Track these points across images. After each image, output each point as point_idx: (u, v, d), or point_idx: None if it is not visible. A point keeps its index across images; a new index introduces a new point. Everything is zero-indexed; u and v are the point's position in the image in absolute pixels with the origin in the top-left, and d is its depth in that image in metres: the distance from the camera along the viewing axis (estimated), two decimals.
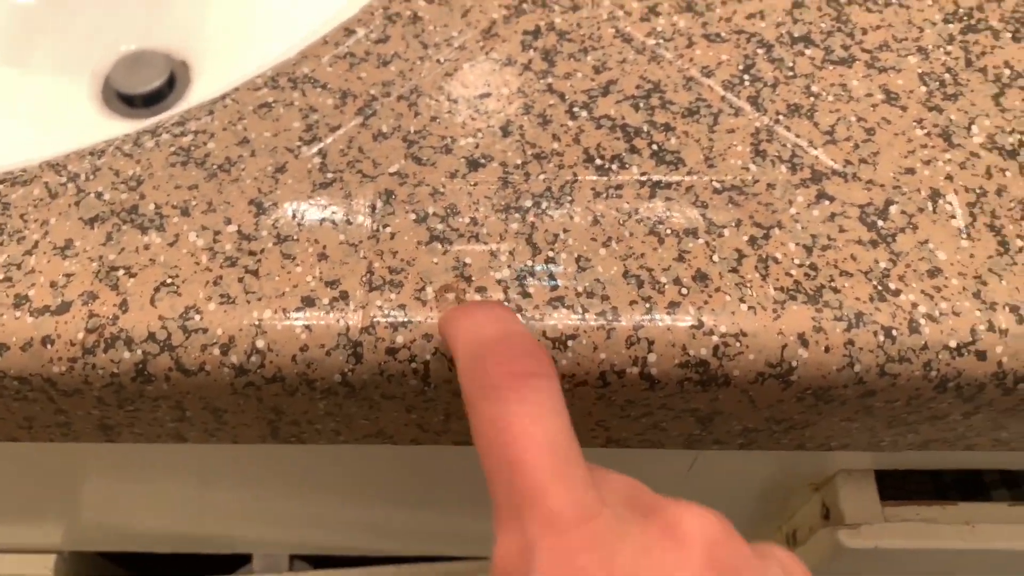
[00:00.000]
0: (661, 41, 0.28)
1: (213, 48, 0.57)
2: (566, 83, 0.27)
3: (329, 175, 0.25)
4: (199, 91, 0.56)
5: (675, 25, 0.29)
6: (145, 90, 0.54)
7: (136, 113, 0.55)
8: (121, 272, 0.24)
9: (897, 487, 0.38)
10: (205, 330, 0.23)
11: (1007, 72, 0.28)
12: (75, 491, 0.44)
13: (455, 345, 0.19)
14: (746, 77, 0.27)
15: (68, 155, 0.26)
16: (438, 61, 0.28)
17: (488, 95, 0.27)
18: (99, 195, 0.25)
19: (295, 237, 0.24)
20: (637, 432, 0.26)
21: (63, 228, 0.25)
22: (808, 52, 0.28)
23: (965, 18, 0.29)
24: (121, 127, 0.54)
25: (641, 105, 0.27)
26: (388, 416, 0.25)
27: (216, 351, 0.22)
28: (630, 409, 0.24)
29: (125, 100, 0.54)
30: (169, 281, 0.23)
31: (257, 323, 0.23)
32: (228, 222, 0.25)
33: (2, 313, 0.23)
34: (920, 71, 0.28)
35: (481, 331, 0.19)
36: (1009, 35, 0.29)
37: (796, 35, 0.28)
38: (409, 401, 0.24)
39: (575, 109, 0.27)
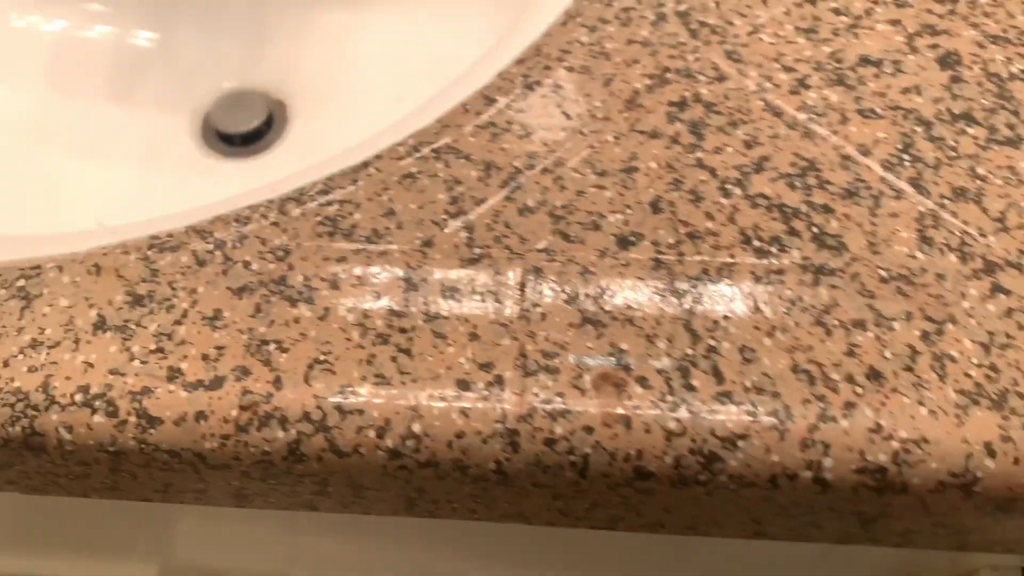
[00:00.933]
0: (813, 116, 0.27)
1: (310, 88, 0.57)
2: (716, 158, 0.27)
3: (476, 250, 0.25)
4: (297, 131, 0.56)
5: (826, 99, 0.28)
6: (244, 129, 0.55)
7: (235, 152, 0.56)
8: (272, 346, 0.23)
9: None
10: (361, 411, 0.22)
11: None
12: (170, 531, 0.44)
13: None
14: (905, 157, 0.26)
15: (213, 220, 0.26)
16: (582, 133, 0.27)
17: (635, 169, 0.26)
18: (247, 264, 0.25)
19: (445, 315, 0.24)
20: (791, 528, 0.25)
21: (212, 297, 0.24)
22: (971, 131, 0.27)
23: None
24: (221, 166, 0.55)
25: (797, 184, 0.26)
26: (532, 501, 0.24)
27: (372, 433, 0.22)
28: (792, 509, 0.23)
29: (224, 139, 0.55)
30: (322, 358, 0.23)
31: (413, 406, 0.22)
32: (378, 297, 0.24)
33: (157, 386, 0.23)
34: None
35: None
36: None
37: (956, 112, 0.27)
38: (559, 490, 0.23)
39: (728, 186, 0.26)
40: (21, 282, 0.25)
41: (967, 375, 0.22)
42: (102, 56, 0.57)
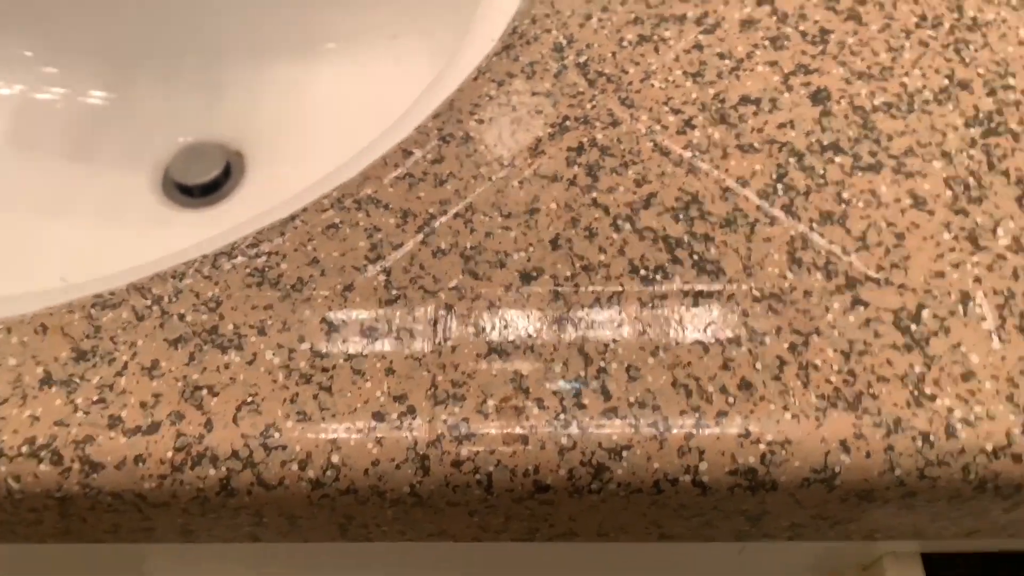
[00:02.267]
0: (697, 153, 0.30)
1: (266, 138, 0.60)
2: (610, 196, 0.29)
3: (393, 292, 0.27)
4: (253, 180, 0.59)
5: (710, 137, 0.31)
6: (203, 180, 0.57)
7: (194, 203, 0.58)
8: (205, 391, 0.26)
9: (945, 565, 0.38)
10: (284, 447, 0.24)
11: None
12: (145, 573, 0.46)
13: None
14: (779, 186, 0.29)
15: (152, 277, 0.29)
16: (490, 179, 0.30)
17: (537, 210, 0.29)
18: (182, 317, 0.27)
19: (364, 353, 0.26)
20: (689, 529, 0.27)
21: (150, 349, 0.27)
22: (838, 159, 0.30)
23: (986, 122, 0.30)
24: (181, 217, 0.57)
25: (681, 216, 0.29)
26: (451, 519, 0.26)
27: (295, 467, 0.24)
28: (683, 511, 0.25)
29: (184, 190, 0.57)
30: (250, 399, 0.25)
31: (332, 439, 0.24)
32: (302, 340, 0.27)
33: (98, 434, 0.25)
34: (945, 175, 0.29)
35: None
36: None
37: (825, 143, 0.30)
38: (472, 507, 0.25)
39: (619, 222, 0.29)
40: None
41: (828, 381, 0.25)
42: (60, 116, 0.59)
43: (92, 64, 0.59)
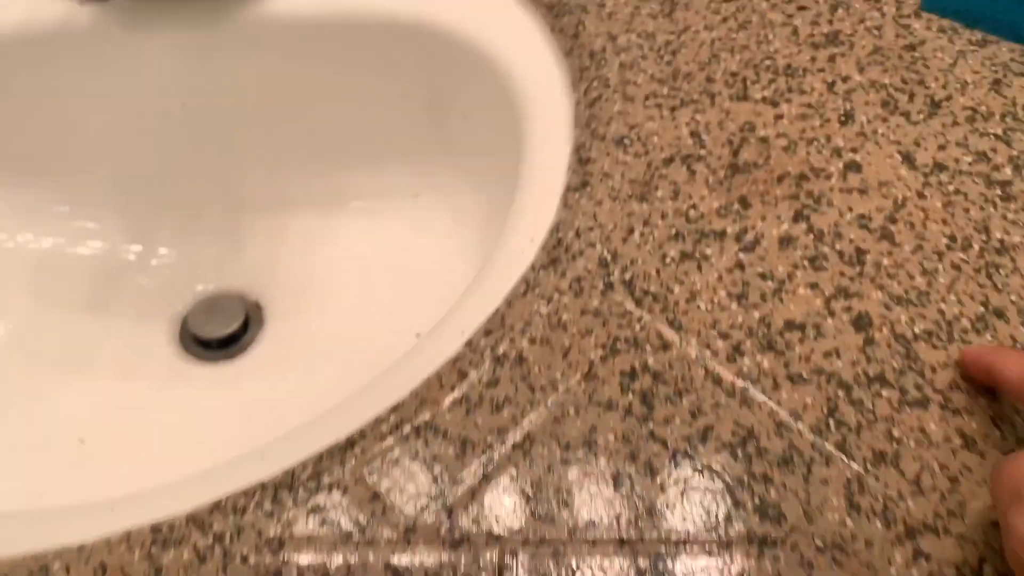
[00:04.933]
0: (749, 383, 0.31)
1: (285, 289, 0.60)
2: (666, 428, 0.30)
3: (456, 535, 0.27)
4: (273, 332, 0.59)
5: (760, 365, 0.31)
6: (221, 334, 0.57)
7: (213, 356, 0.58)
8: None
9: None
10: None
11: None
12: None
13: (1004, 376, 0.28)
14: (831, 420, 0.30)
15: (211, 509, 0.28)
16: (546, 406, 0.31)
17: (595, 442, 0.30)
18: (244, 559, 0.27)
19: None
20: None
21: None
22: (885, 393, 0.31)
23: None
24: (199, 371, 0.57)
25: (739, 453, 0.29)
26: None
27: None
28: None
29: (202, 343, 0.57)
30: None
31: None
32: None
33: None
34: (991, 413, 0.30)
35: None
36: None
37: (872, 374, 0.31)
38: None
39: (678, 457, 0.29)
40: None
41: None
42: (83, 271, 0.59)
43: (116, 216, 0.60)
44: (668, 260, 0.35)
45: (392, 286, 0.59)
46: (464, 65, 0.49)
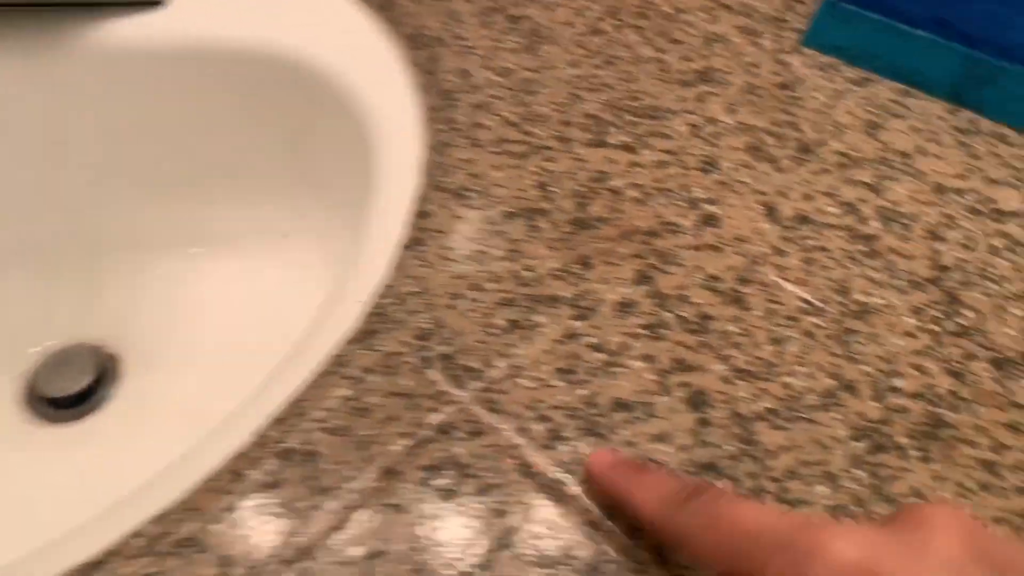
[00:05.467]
0: (566, 476, 0.27)
1: (144, 341, 0.56)
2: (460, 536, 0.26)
3: None
4: (129, 388, 0.55)
5: (579, 452, 0.28)
6: (71, 392, 0.53)
7: (62, 416, 0.54)
8: None
9: None
10: None
11: (913, 500, 0.27)
12: None
13: (640, 509, 0.24)
14: None
15: None
16: (332, 514, 0.27)
17: (382, 553, 0.26)
18: None
19: None
20: None
21: None
22: (715, 483, 0.27)
23: (873, 435, 0.28)
24: (45, 434, 0.52)
25: (545, 566, 0.26)
26: None
27: None
28: None
29: (50, 402, 0.53)
30: None
31: None
32: None
33: None
34: (830, 503, 0.27)
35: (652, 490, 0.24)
36: (917, 455, 0.28)
37: (703, 462, 0.28)
38: None
39: (476, 573, 0.26)
40: None
41: None
42: None
43: None
44: (494, 330, 0.31)
45: (261, 332, 0.55)
46: (320, 99, 0.46)
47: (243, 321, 0.55)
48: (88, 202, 0.55)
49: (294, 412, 0.29)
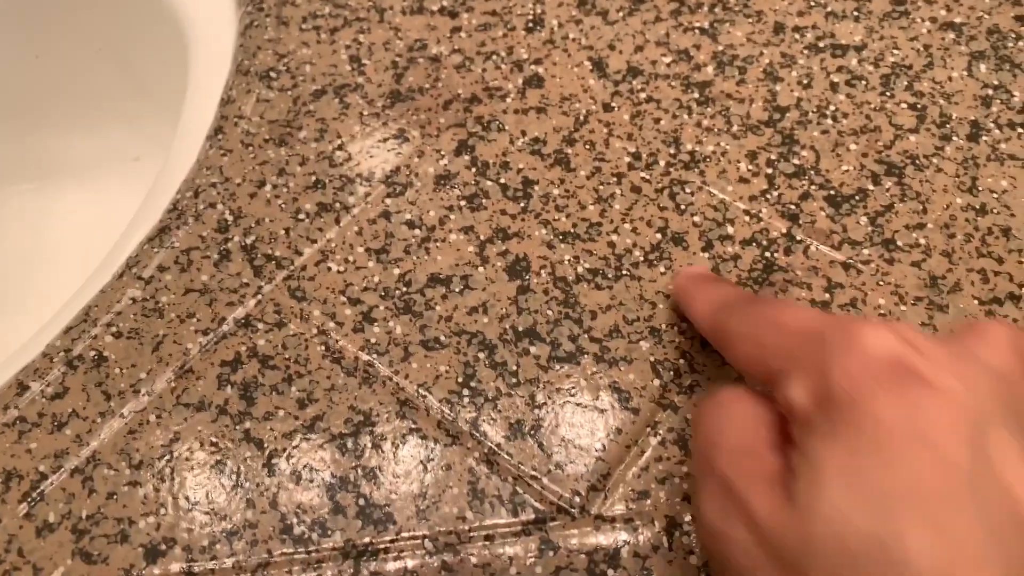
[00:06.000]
0: (375, 356, 0.26)
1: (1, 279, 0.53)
2: (265, 426, 0.24)
3: None
4: None
5: (391, 333, 0.26)
6: None
7: None
8: None
9: None
10: None
11: None
12: None
13: (697, 316, 0.24)
14: (465, 392, 0.25)
15: None
16: (122, 415, 0.25)
17: (174, 453, 0.24)
18: None
19: None
20: None
21: None
22: (534, 350, 0.26)
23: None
24: None
25: (349, 446, 0.24)
26: None
27: None
28: None
29: None
30: None
31: None
32: None
33: None
34: (652, 359, 0.26)
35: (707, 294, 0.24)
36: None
37: (521, 329, 0.26)
38: None
39: (273, 462, 0.24)
40: None
41: None
42: None
43: None
44: (302, 215, 0.29)
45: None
46: (134, 6, 0.42)
47: (94, 253, 0.52)
48: None
49: (82, 319, 0.26)
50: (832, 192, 0.29)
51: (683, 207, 0.29)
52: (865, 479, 0.15)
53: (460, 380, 0.25)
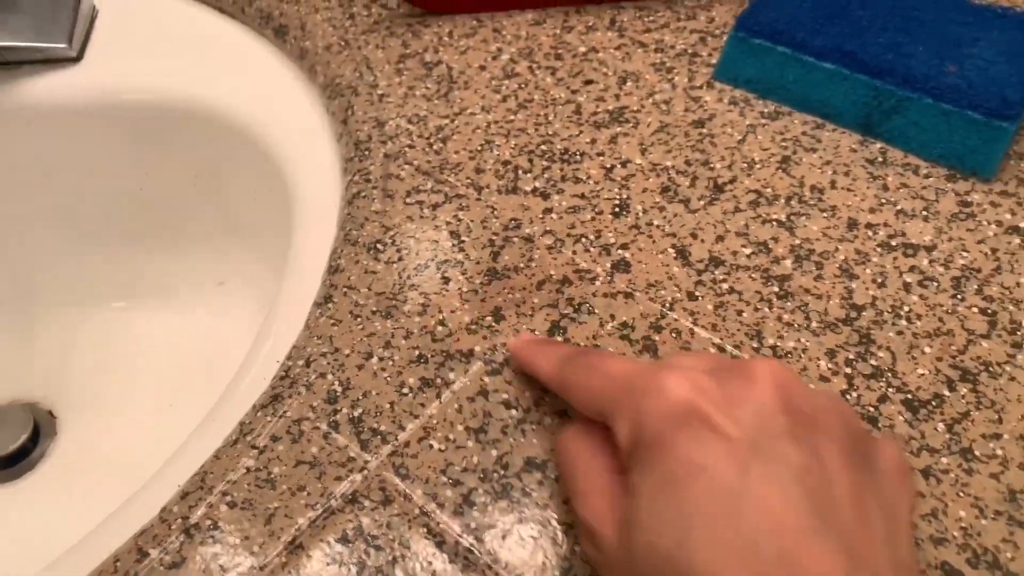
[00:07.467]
0: (473, 542, 0.27)
1: (81, 393, 0.55)
2: None
3: None
4: (65, 442, 0.53)
5: (490, 517, 0.27)
6: (5, 451, 0.52)
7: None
8: None
9: None
10: None
11: None
12: None
13: (541, 370, 0.28)
14: None
15: None
16: None
17: None
18: None
19: None
20: None
21: None
22: None
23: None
24: None
25: None
26: None
27: None
28: None
29: None
30: None
31: None
32: None
33: None
34: None
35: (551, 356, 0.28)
36: None
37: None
38: None
39: None
40: None
41: None
42: None
43: None
44: (405, 389, 0.31)
45: (198, 382, 0.54)
46: (238, 149, 0.45)
47: (182, 368, 0.54)
48: (18, 258, 0.54)
49: (198, 484, 0.28)
50: (909, 396, 0.30)
51: None
52: (665, 505, 0.20)
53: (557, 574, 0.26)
